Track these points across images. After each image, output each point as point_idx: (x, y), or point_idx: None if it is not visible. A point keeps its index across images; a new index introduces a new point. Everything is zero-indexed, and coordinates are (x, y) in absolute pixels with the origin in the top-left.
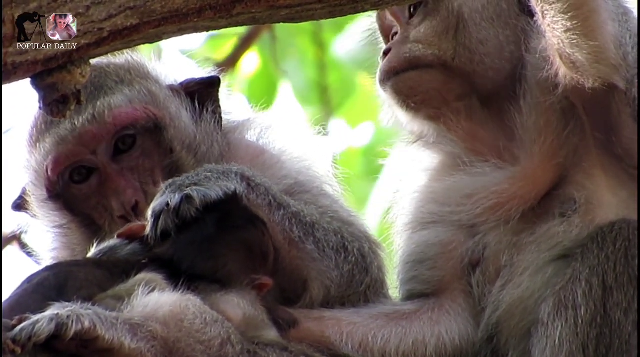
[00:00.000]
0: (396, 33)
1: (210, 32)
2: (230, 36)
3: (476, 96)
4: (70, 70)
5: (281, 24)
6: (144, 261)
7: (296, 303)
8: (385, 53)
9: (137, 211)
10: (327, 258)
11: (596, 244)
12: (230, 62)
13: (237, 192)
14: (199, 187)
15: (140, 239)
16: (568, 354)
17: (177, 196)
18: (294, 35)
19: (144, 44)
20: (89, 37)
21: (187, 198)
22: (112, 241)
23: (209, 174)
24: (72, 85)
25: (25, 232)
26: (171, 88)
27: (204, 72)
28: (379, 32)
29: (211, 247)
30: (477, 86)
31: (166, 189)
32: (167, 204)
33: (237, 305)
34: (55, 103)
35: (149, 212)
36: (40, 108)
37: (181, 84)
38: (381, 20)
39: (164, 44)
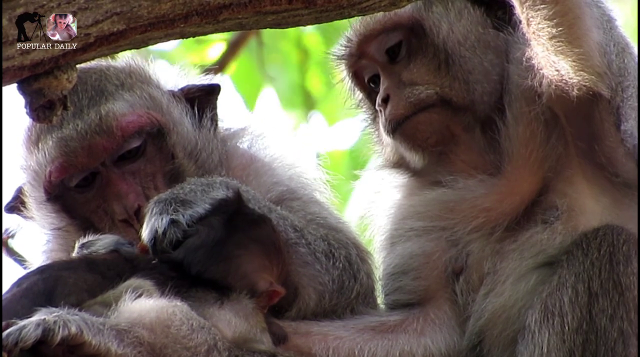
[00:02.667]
0: (374, 75)
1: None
2: (212, 41)
3: (479, 125)
4: (56, 76)
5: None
6: (153, 262)
7: (288, 311)
8: (385, 100)
9: (139, 215)
10: (317, 262)
11: (581, 250)
12: (218, 68)
13: (226, 198)
14: (184, 207)
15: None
16: None
17: (164, 221)
18: (278, 39)
19: (130, 49)
20: (76, 43)
21: (173, 222)
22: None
23: (193, 187)
24: (58, 90)
25: (13, 237)
26: (172, 93)
27: (203, 78)
28: (348, 78)
29: (222, 249)
30: (478, 113)
31: (153, 208)
32: (157, 231)
33: (229, 323)
34: (42, 108)
35: (145, 239)
36: (26, 113)
37: (181, 89)
38: (352, 67)
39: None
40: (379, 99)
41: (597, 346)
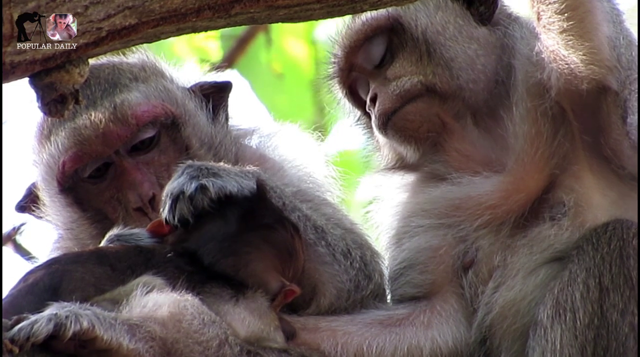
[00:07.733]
0: (367, 85)
1: None
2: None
3: (470, 114)
4: (68, 70)
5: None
6: (169, 255)
7: (305, 309)
8: (373, 99)
9: (154, 204)
10: (337, 262)
11: (591, 245)
12: (226, 64)
13: (253, 190)
14: (215, 179)
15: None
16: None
17: (192, 185)
18: (285, 34)
19: (142, 43)
20: (88, 37)
21: (202, 188)
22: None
23: (227, 168)
24: (70, 84)
25: (20, 233)
26: (186, 88)
27: (214, 76)
28: (345, 98)
29: (232, 244)
30: (467, 102)
31: (183, 171)
32: (183, 192)
33: (243, 321)
34: (54, 102)
35: (165, 194)
36: (38, 107)
37: (195, 85)
38: (345, 83)
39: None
40: (368, 100)
41: (609, 341)
